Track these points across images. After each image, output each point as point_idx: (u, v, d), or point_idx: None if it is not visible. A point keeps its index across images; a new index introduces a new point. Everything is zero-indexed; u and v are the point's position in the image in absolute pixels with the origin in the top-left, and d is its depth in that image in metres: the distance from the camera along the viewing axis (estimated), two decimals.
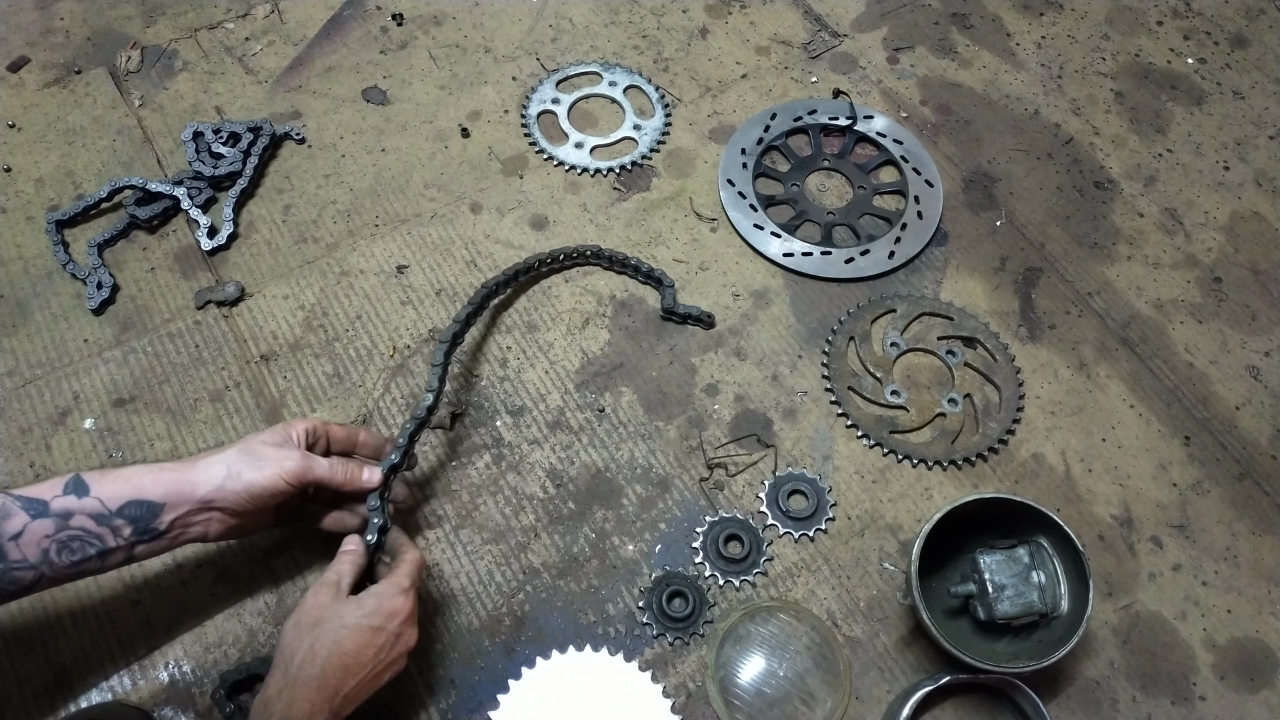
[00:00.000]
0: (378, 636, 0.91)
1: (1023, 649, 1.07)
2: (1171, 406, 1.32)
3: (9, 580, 0.87)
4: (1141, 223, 1.50)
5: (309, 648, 0.88)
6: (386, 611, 0.92)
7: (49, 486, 0.89)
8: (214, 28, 1.62)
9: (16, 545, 0.86)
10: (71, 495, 0.89)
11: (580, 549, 1.17)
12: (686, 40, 1.66)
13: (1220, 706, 1.12)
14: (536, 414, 1.26)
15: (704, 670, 1.10)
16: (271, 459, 0.96)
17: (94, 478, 0.91)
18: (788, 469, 1.23)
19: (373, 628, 0.91)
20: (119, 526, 0.90)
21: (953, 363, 1.33)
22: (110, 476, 0.91)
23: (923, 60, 1.66)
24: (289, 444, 0.99)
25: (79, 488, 0.89)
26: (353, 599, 0.93)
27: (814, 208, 1.47)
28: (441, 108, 1.55)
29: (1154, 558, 1.20)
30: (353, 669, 0.89)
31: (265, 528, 1.05)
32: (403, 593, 0.94)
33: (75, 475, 0.90)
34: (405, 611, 0.93)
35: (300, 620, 0.91)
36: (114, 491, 0.90)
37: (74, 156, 1.45)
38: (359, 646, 0.89)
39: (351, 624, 0.90)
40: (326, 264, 1.37)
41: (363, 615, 0.91)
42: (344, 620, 0.90)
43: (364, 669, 0.90)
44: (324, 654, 0.88)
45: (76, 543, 0.89)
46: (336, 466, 1.01)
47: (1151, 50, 1.71)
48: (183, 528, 0.94)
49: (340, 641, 0.89)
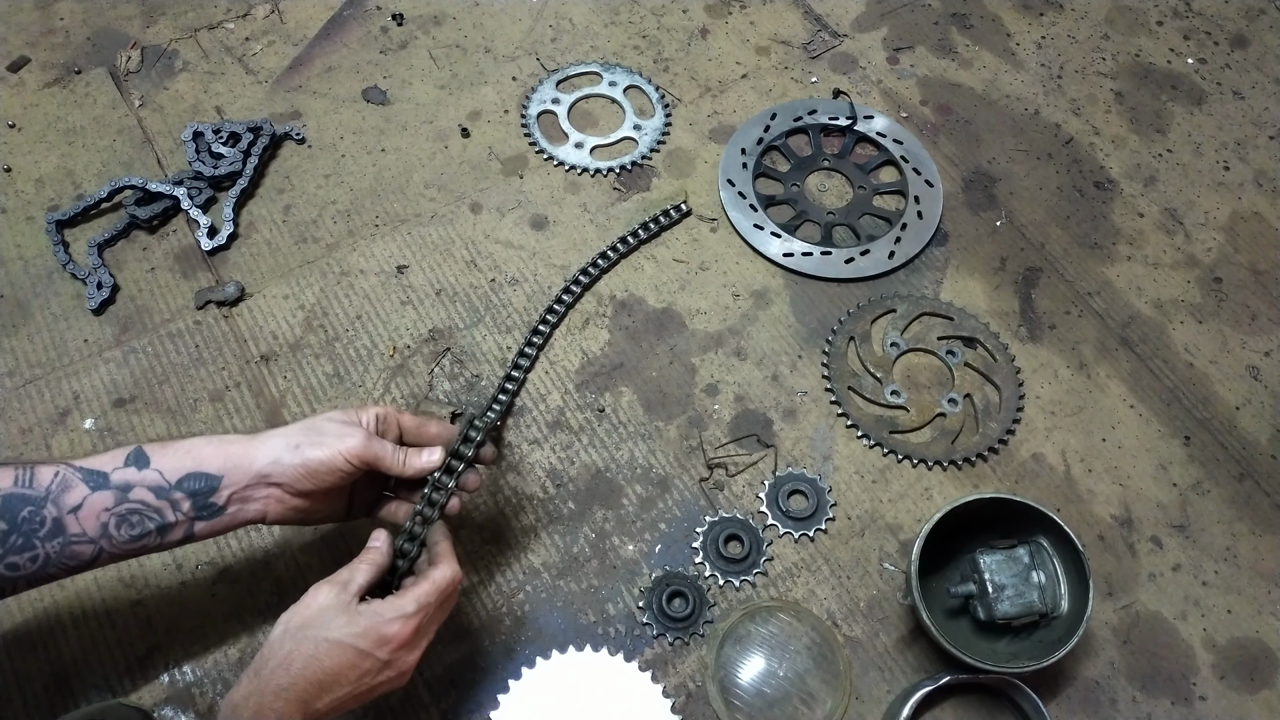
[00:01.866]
0: (362, 660, 0.82)
1: (1023, 649, 1.07)
2: (1171, 406, 1.32)
3: (68, 554, 0.84)
4: (1141, 223, 1.50)
5: (286, 654, 0.81)
6: (377, 636, 0.83)
7: (110, 458, 0.86)
8: (214, 28, 1.62)
9: (76, 518, 0.83)
10: (132, 467, 0.86)
11: (580, 549, 1.17)
12: (686, 40, 1.66)
13: (1220, 706, 1.12)
14: (536, 414, 1.26)
15: (704, 670, 1.10)
16: (333, 435, 0.91)
17: (155, 449, 0.88)
18: (788, 469, 1.23)
19: (358, 650, 0.82)
20: (178, 500, 0.87)
21: (953, 363, 1.33)
22: (171, 448, 0.88)
23: (923, 60, 1.66)
24: (354, 424, 0.93)
25: (139, 459, 0.86)
26: (349, 610, 0.84)
27: (814, 208, 1.47)
28: (441, 108, 1.55)
29: (1154, 558, 1.20)
30: (328, 686, 0.81)
31: (338, 518, 0.99)
32: (403, 618, 0.84)
33: (137, 447, 0.87)
34: (400, 639, 0.84)
35: (290, 618, 0.84)
36: (174, 463, 0.87)
37: (74, 156, 1.45)
38: (338, 666, 0.81)
39: (335, 639, 0.82)
40: (326, 264, 1.37)
41: (351, 633, 0.82)
42: (329, 633, 0.82)
43: (341, 689, 0.82)
44: (298, 666, 0.80)
45: (136, 516, 0.86)
46: (398, 451, 0.94)
47: (1151, 50, 1.71)
48: (240, 503, 0.90)
49: (318, 656, 0.81)
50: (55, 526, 0.83)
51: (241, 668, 1.06)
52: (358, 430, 0.93)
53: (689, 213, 1.43)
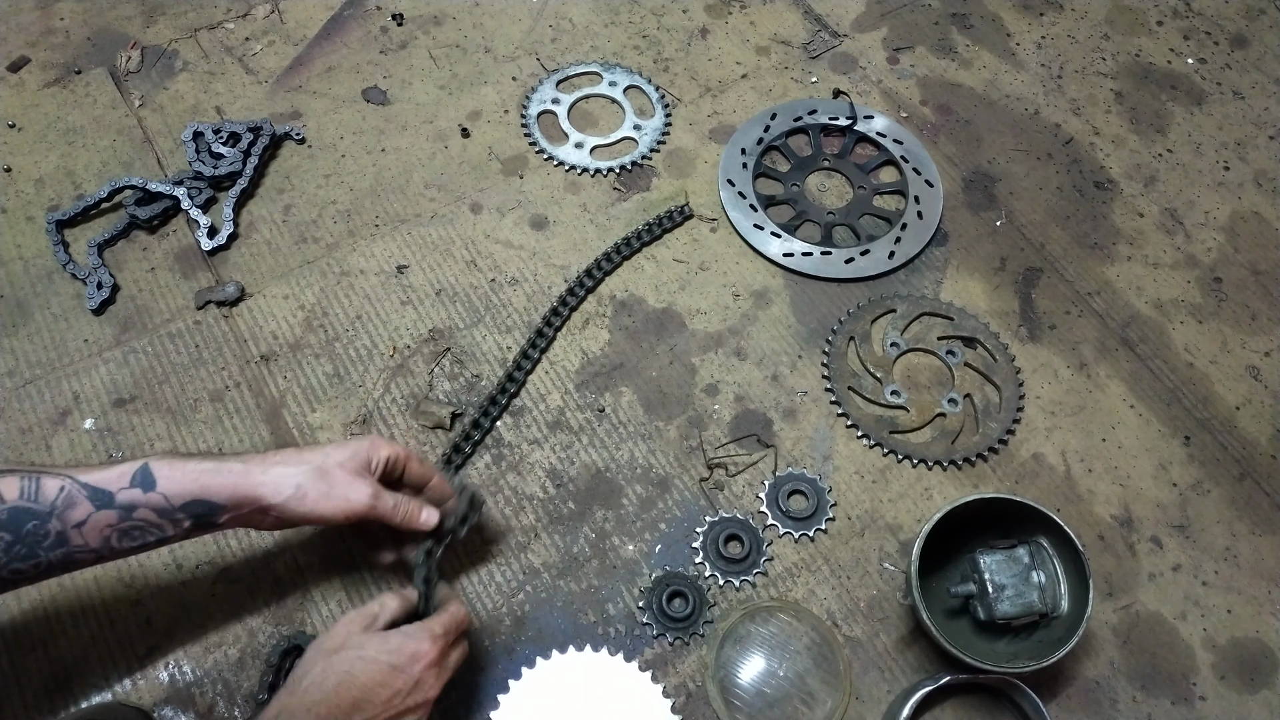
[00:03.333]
0: (395, 677, 0.86)
1: (1023, 649, 1.07)
2: (1171, 406, 1.32)
3: (70, 562, 0.88)
4: (1141, 223, 1.50)
5: (320, 671, 0.85)
6: (410, 652, 0.88)
7: (116, 476, 0.88)
8: (214, 28, 1.62)
9: (79, 533, 0.86)
10: (138, 489, 0.88)
11: (580, 549, 1.17)
12: (686, 40, 1.66)
13: (1220, 706, 1.12)
14: (536, 414, 1.26)
15: (704, 670, 1.10)
16: (341, 490, 0.94)
17: (162, 471, 0.90)
18: (788, 469, 1.23)
19: (392, 665, 0.86)
20: (180, 519, 0.91)
21: (953, 363, 1.33)
22: (178, 472, 0.90)
23: (923, 60, 1.66)
24: (365, 474, 0.97)
25: (145, 480, 0.89)
26: (380, 634, 0.89)
27: (814, 208, 1.47)
28: (441, 108, 1.55)
29: (1154, 558, 1.20)
30: (361, 705, 0.85)
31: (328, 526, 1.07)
32: (432, 638, 0.90)
33: (144, 466, 0.89)
34: (430, 657, 0.89)
35: (322, 643, 0.88)
36: (179, 489, 0.90)
37: (74, 156, 1.45)
38: (373, 683, 0.85)
39: (370, 657, 0.86)
40: (326, 264, 1.37)
41: (384, 650, 0.87)
42: (364, 652, 0.87)
43: (374, 709, 0.85)
44: (333, 682, 0.84)
45: (137, 531, 0.89)
46: (400, 506, 0.98)
47: (1151, 50, 1.71)
48: (239, 522, 0.95)
49: (354, 673, 0.85)
50: (59, 539, 0.86)
51: (241, 668, 1.07)
52: (366, 487, 0.96)
53: (690, 215, 1.43)
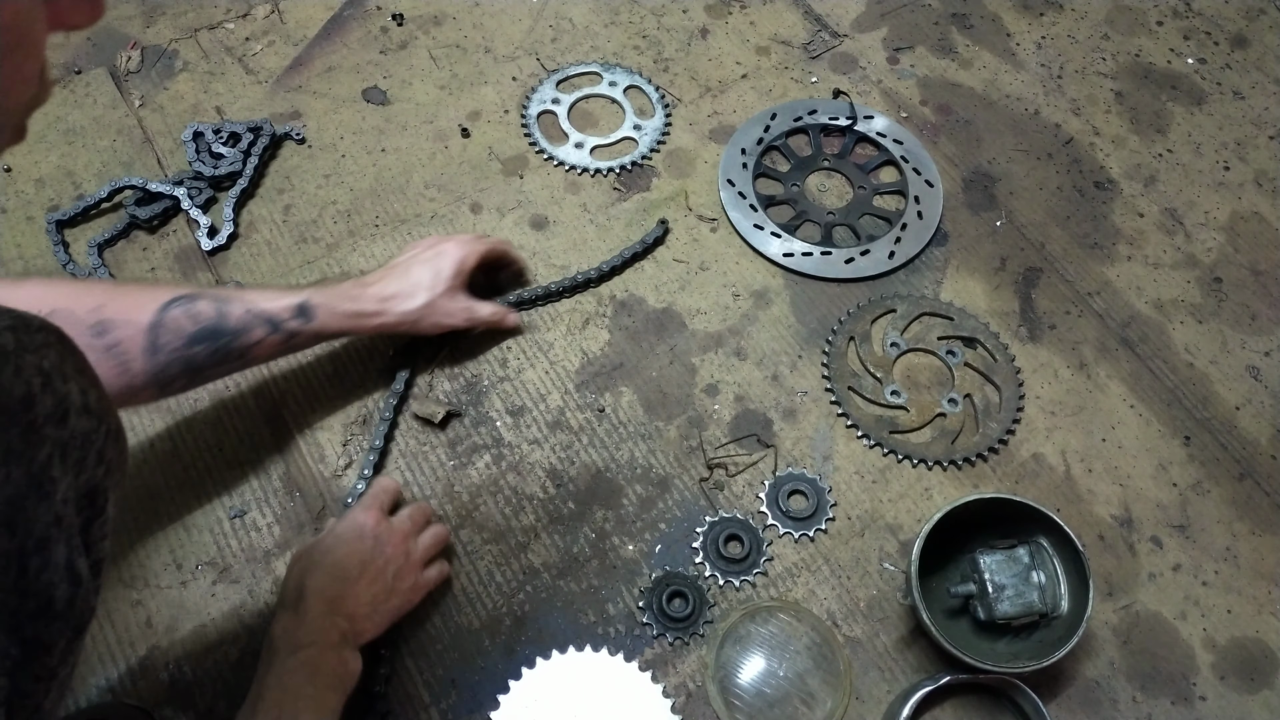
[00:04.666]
0: (360, 543, 1.02)
1: (1023, 649, 1.07)
2: (1171, 406, 1.32)
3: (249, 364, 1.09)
4: (1141, 223, 1.50)
5: (301, 568, 1.01)
6: (355, 523, 1.04)
7: (284, 306, 1.06)
8: (214, 28, 1.62)
9: (254, 352, 1.06)
10: (300, 319, 1.07)
11: (580, 549, 1.17)
12: (686, 40, 1.66)
13: (1220, 706, 1.12)
14: (536, 414, 1.26)
15: (704, 670, 1.10)
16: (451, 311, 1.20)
17: (317, 299, 1.08)
18: (788, 469, 1.23)
19: (352, 535, 1.03)
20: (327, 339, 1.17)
21: (953, 363, 1.33)
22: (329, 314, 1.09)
23: (923, 60, 1.66)
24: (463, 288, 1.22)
25: (306, 313, 1.07)
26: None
27: (814, 208, 1.47)
28: (441, 108, 1.55)
29: (1154, 558, 1.20)
30: (340, 575, 0.99)
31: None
32: (364, 509, 1.05)
33: (305, 299, 1.08)
34: (370, 522, 1.04)
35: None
36: (333, 326, 1.11)
37: (74, 156, 1.45)
38: (345, 554, 1.01)
39: (335, 534, 1.04)
40: (327, 264, 1.37)
41: (341, 527, 1.04)
42: (327, 537, 1.04)
43: (355, 573, 1.00)
44: (320, 559, 1.01)
45: (295, 347, 1.11)
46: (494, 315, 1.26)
47: (1151, 50, 1.71)
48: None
49: (329, 548, 1.02)
50: (240, 355, 1.05)
51: (241, 668, 1.07)
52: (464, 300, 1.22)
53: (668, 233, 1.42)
